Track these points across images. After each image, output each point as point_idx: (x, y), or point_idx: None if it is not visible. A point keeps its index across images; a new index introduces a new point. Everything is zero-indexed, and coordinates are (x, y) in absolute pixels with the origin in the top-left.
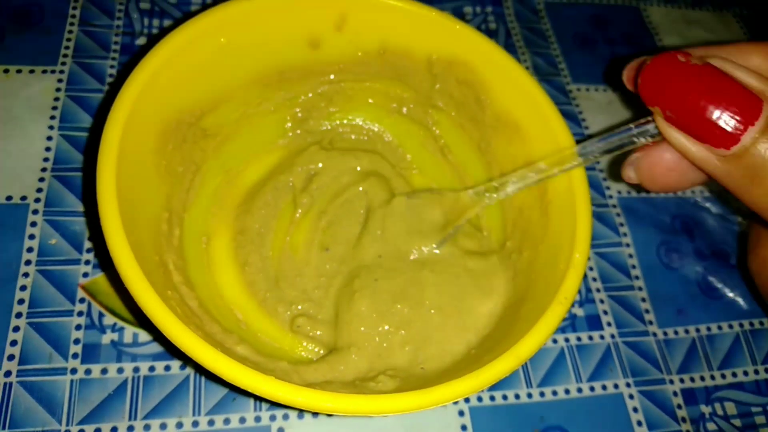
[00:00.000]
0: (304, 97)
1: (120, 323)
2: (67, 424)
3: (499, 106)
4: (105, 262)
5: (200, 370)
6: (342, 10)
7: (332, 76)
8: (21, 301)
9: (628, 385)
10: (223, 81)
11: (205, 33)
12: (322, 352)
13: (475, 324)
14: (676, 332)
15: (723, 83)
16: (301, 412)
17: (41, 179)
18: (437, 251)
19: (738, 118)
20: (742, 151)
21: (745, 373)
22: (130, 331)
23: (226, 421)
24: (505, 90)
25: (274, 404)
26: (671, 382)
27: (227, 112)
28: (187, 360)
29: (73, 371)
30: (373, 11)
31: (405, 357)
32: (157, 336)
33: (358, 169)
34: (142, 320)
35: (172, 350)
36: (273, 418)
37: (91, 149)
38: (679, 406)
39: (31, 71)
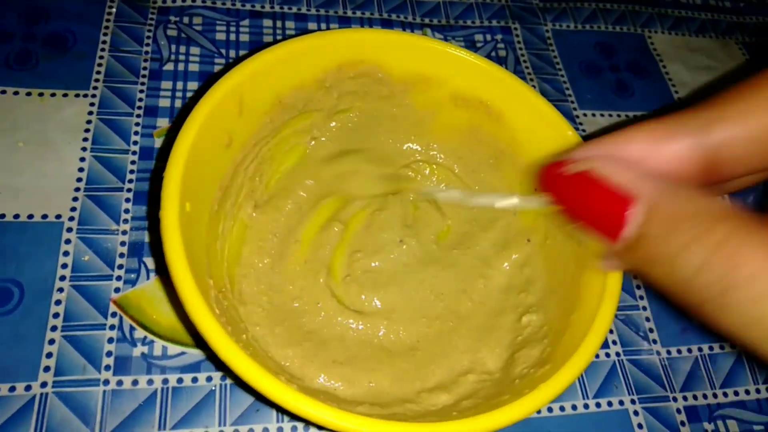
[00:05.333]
0: None
1: (150, 336)
2: None
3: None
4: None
5: (236, 380)
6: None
7: None
8: (56, 315)
9: (633, 402)
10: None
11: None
12: None
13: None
14: (679, 351)
15: (593, 191)
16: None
17: (75, 198)
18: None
19: (612, 217)
20: (628, 243)
21: (747, 392)
22: (159, 345)
23: (251, 431)
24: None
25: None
26: (675, 399)
27: None
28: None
29: (106, 382)
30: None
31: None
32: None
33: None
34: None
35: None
36: (294, 429)
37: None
38: (683, 423)
39: (65, 95)
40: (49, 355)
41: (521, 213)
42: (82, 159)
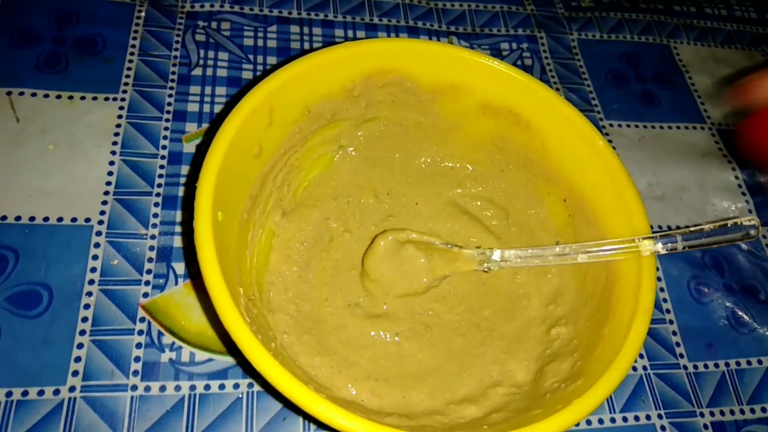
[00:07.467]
0: None
1: (178, 342)
2: None
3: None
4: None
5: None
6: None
7: None
8: (85, 319)
9: (660, 416)
10: None
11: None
12: None
13: None
14: (706, 366)
15: None
16: None
17: (104, 202)
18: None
19: None
20: None
21: None
22: (187, 351)
23: None
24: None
25: (322, 426)
26: (702, 415)
27: None
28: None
29: (134, 388)
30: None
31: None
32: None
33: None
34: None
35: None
36: None
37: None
38: None
39: (94, 98)
40: (78, 359)
41: (551, 210)
42: (112, 163)
